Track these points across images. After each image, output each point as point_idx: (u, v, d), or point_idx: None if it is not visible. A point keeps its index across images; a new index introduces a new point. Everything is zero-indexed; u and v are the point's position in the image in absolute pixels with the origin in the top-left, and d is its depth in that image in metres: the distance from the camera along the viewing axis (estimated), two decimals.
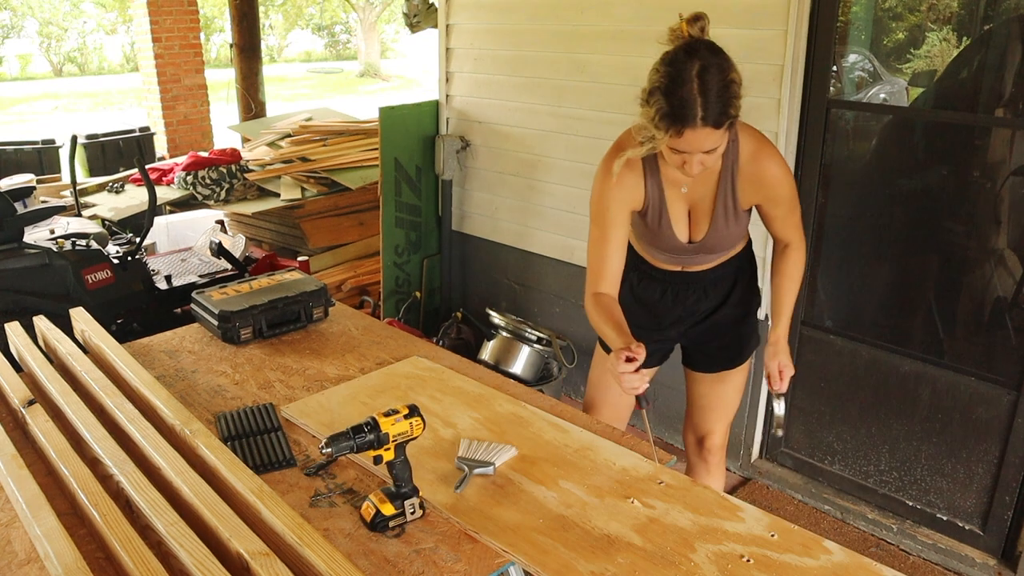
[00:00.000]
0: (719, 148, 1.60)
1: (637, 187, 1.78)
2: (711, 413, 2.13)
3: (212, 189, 4.67)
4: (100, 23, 21.37)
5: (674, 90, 1.49)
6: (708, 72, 1.48)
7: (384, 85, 19.57)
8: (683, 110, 1.49)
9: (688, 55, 1.50)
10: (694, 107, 1.49)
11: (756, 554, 1.38)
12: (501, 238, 3.69)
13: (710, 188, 1.78)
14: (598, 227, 1.81)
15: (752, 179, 1.76)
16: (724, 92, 1.50)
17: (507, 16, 3.36)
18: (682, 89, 1.49)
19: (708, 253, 1.90)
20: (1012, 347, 2.45)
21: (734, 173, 1.76)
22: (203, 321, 2.27)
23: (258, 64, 6.83)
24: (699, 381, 2.12)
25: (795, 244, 1.90)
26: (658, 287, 1.98)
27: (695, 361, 2.12)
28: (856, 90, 2.90)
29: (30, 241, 3.13)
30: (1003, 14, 2.52)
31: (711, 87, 1.48)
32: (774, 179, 1.76)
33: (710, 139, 1.54)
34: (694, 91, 1.48)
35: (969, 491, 2.58)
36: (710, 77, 1.48)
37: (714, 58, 1.50)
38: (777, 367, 1.89)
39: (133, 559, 1.22)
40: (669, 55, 1.53)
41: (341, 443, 1.39)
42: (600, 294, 1.81)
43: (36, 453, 1.60)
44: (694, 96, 1.48)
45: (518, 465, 1.64)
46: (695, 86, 1.48)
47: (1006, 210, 2.48)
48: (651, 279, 1.98)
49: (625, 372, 1.62)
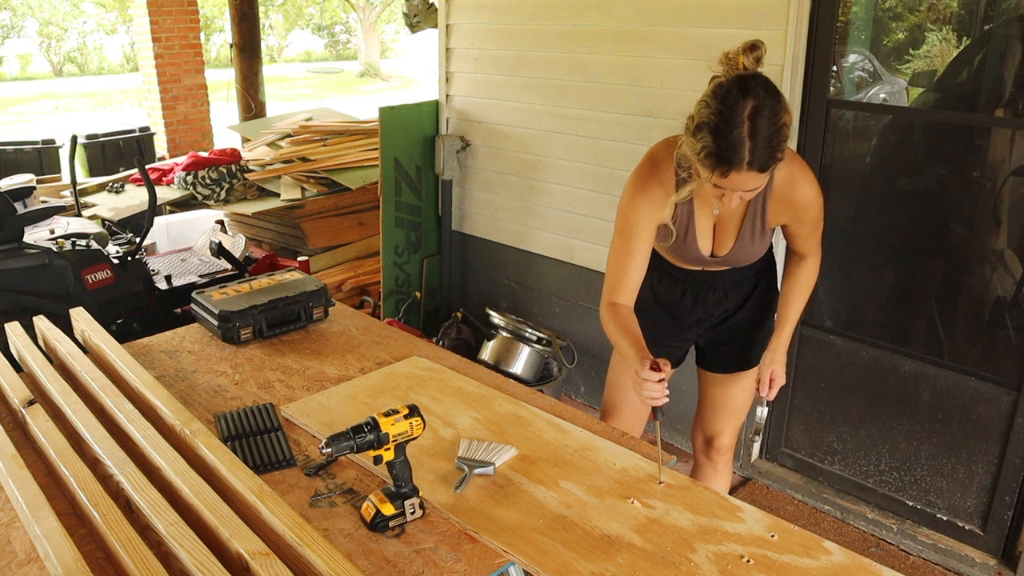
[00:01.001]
0: (760, 187, 1.57)
1: (667, 203, 1.75)
2: (721, 414, 2.13)
3: (212, 189, 4.67)
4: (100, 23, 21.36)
5: (724, 131, 1.44)
6: (760, 115, 1.43)
7: (384, 85, 19.57)
8: (731, 153, 1.45)
9: (742, 93, 1.44)
10: (742, 151, 1.44)
11: (756, 554, 1.38)
12: (501, 238, 3.69)
13: (739, 208, 1.75)
14: (623, 239, 1.79)
15: (784, 201, 1.73)
16: (774, 137, 1.45)
17: (507, 16, 3.36)
18: (732, 131, 1.44)
19: (731, 265, 1.90)
20: (1012, 347, 2.45)
21: (766, 195, 1.73)
22: (203, 321, 2.27)
23: (258, 64, 6.83)
24: (712, 382, 2.12)
25: (812, 257, 1.90)
26: (679, 287, 1.98)
27: (709, 361, 2.11)
28: (856, 90, 2.89)
29: (30, 241, 3.13)
30: (1003, 14, 2.52)
31: (761, 131, 1.44)
32: (806, 201, 1.74)
33: (754, 181, 1.51)
34: (744, 134, 1.43)
35: (969, 491, 2.58)
36: (761, 120, 1.43)
37: (768, 99, 1.45)
38: (770, 375, 1.92)
39: (133, 559, 1.22)
40: (722, 90, 1.47)
41: (341, 443, 1.40)
42: (616, 304, 1.80)
43: (36, 453, 1.60)
44: (743, 139, 1.44)
45: (518, 465, 1.64)
46: (745, 129, 1.43)
47: (1006, 210, 2.48)
48: (672, 279, 1.97)
49: (649, 380, 1.58)
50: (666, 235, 1.84)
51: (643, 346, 1.70)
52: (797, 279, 1.92)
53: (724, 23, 2.68)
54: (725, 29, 2.68)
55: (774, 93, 1.47)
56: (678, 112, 2.90)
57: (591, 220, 3.27)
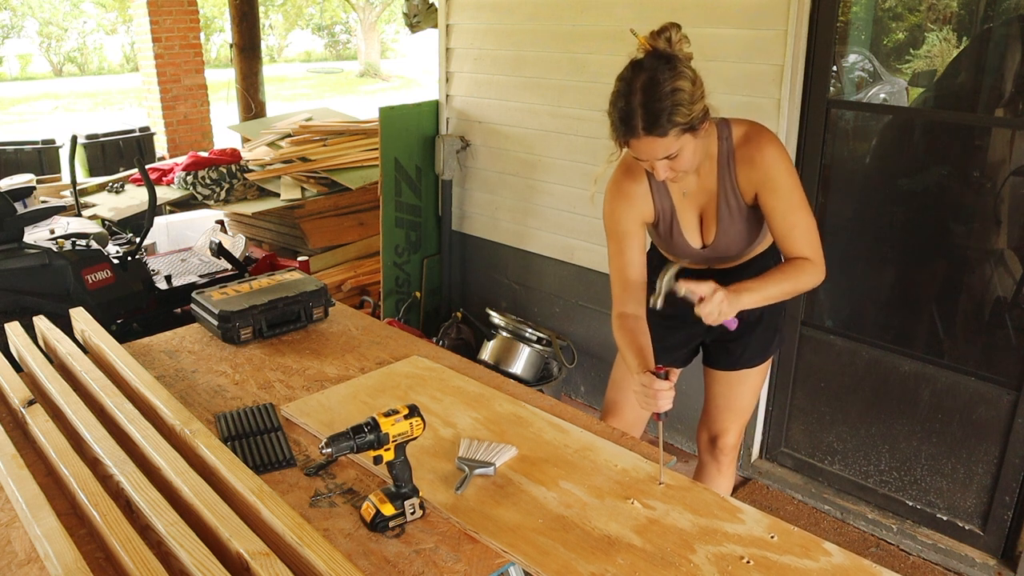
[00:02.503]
0: (681, 154, 1.61)
1: (645, 199, 1.82)
2: (726, 412, 2.13)
3: (212, 189, 4.67)
4: (100, 23, 21.36)
5: (619, 104, 1.58)
6: (651, 83, 1.55)
7: (384, 85, 19.57)
8: (626, 122, 1.57)
9: (635, 69, 1.58)
10: (635, 118, 1.55)
11: (756, 555, 1.38)
12: (501, 238, 3.69)
13: (712, 189, 1.78)
14: (614, 242, 1.84)
15: (748, 162, 1.73)
16: (666, 100, 1.54)
17: (507, 16, 3.36)
18: (625, 102, 1.57)
19: (723, 255, 1.89)
20: (1012, 347, 2.45)
21: (731, 165, 1.76)
22: (203, 321, 2.27)
23: (258, 64, 6.83)
24: (717, 380, 2.12)
25: (813, 259, 1.73)
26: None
27: (715, 359, 2.11)
28: (856, 90, 2.90)
29: (30, 241, 3.13)
30: (1003, 14, 2.52)
31: (650, 97, 1.54)
32: (770, 159, 1.70)
33: (659, 147, 1.58)
34: (635, 103, 1.55)
35: (969, 491, 2.58)
36: (651, 87, 1.54)
37: (660, 69, 1.56)
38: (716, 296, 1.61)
39: (133, 559, 1.22)
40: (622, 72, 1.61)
41: (341, 443, 1.40)
42: (625, 315, 1.83)
43: (36, 453, 1.60)
44: (635, 108, 1.55)
45: (518, 465, 1.64)
46: (637, 98, 1.55)
47: (1006, 210, 2.48)
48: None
49: (662, 390, 1.60)
50: (656, 237, 1.86)
51: (646, 357, 1.72)
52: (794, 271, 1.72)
53: (724, 23, 2.68)
54: (725, 29, 2.68)
55: (671, 60, 1.57)
56: None
57: (591, 220, 3.27)
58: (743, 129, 1.76)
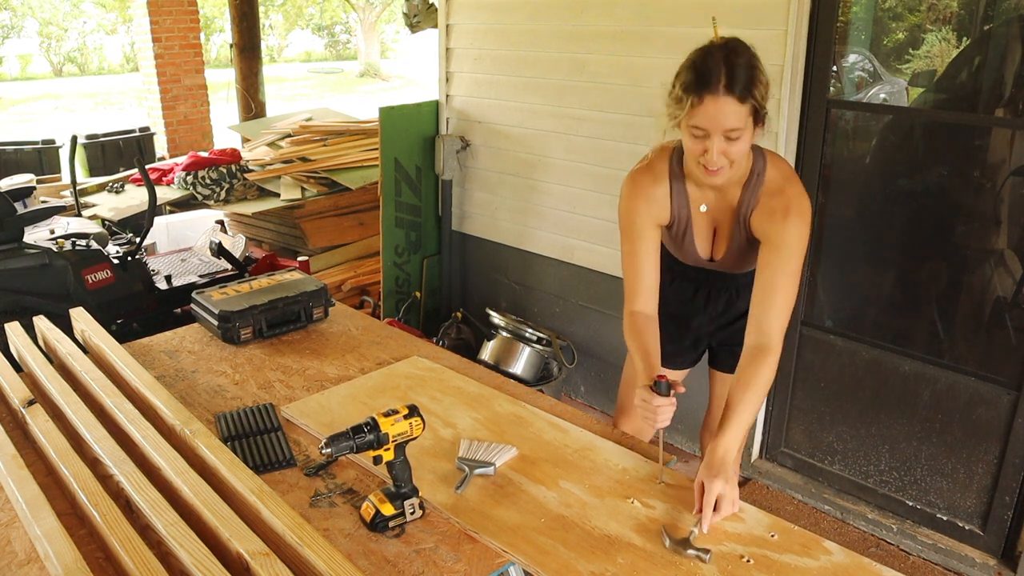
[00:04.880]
0: (741, 139, 1.54)
1: (663, 202, 1.77)
2: None
3: (212, 189, 4.67)
4: (100, 23, 21.35)
5: (699, 61, 1.53)
6: (735, 52, 1.52)
7: (384, 85, 19.56)
8: (706, 76, 1.51)
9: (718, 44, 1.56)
10: (718, 74, 1.50)
11: (756, 554, 1.38)
12: (501, 238, 3.69)
13: (728, 214, 1.75)
14: (628, 241, 1.80)
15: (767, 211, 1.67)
16: (749, 71, 1.51)
17: (507, 16, 3.36)
18: (707, 60, 1.52)
19: (728, 270, 1.89)
20: (1012, 347, 2.44)
21: (752, 202, 1.69)
22: (203, 321, 2.27)
23: (258, 64, 6.83)
24: (722, 383, 2.11)
25: (773, 347, 1.63)
26: (690, 286, 1.98)
27: (721, 361, 2.11)
28: (856, 90, 2.90)
29: (30, 241, 3.13)
30: (1003, 14, 2.52)
31: (736, 63, 1.50)
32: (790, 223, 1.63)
33: (731, 113, 1.50)
34: (719, 62, 1.51)
35: (969, 491, 2.58)
36: (736, 57, 1.51)
37: (743, 48, 1.54)
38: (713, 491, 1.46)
39: (133, 559, 1.22)
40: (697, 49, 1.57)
41: (341, 443, 1.40)
42: (636, 313, 1.79)
43: (36, 453, 1.60)
44: (719, 65, 1.50)
45: (518, 465, 1.64)
46: (720, 57, 1.51)
47: (1006, 210, 2.48)
48: (683, 278, 1.97)
49: (661, 406, 1.57)
50: (667, 239, 1.85)
51: (652, 363, 1.69)
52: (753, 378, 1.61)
53: (724, 23, 2.65)
54: (725, 29, 2.68)
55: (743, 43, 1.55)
56: None
57: (591, 220, 3.27)
58: (778, 173, 1.69)
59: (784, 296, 1.64)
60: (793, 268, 1.65)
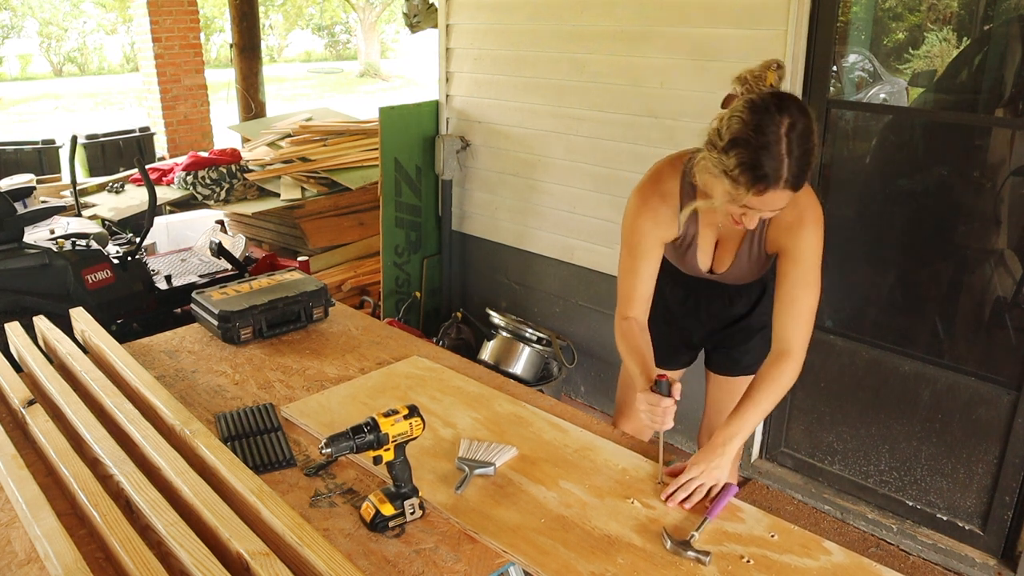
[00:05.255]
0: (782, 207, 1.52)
1: (672, 220, 1.73)
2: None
3: (212, 189, 4.67)
4: (100, 23, 21.35)
5: (763, 146, 1.40)
6: (796, 132, 1.41)
7: (384, 85, 19.56)
8: (770, 169, 1.40)
9: (779, 109, 1.41)
10: (781, 168, 1.40)
11: (756, 555, 1.38)
12: (501, 238, 3.69)
13: (738, 231, 1.73)
14: (630, 256, 1.77)
15: (782, 222, 1.65)
16: (808, 155, 1.43)
17: (507, 16, 3.36)
18: (772, 147, 1.39)
19: (729, 283, 1.88)
20: (1012, 347, 2.45)
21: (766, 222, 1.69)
22: (203, 321, 2.27)
23: (258, 64, 6.83)
24: (719, 385, 2.11)
25: (794, 353, 1.69)
26: (683, 291, 1.97)
27: (717, 364, 2.10)
28: (856, 90, 2.90)
29: (30, 241, 3.13)
30: (1003, 14, 2.52)
31: (797, 149, 1.41)
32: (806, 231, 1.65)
33: (783, 200, 1.47)
34: (782, 151, 1.40)
35: (969, 491, 2.58)
36: (798, 138, 1.41)
37: (803, 118, 1.42)
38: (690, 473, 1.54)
39: (133, 559, 1.22)
40: (758, 106, 1.42)
41: (341, 443, 1.39)
42: (628, 319, 1.79)
43: (36, 453, 1.60)
44: (782, 156, 1.40)
45: (518, 465, 1.64)
46: (783, 145, 1.40)
47: (1006, 210, 2.48)
48: (676, 284, 1.96)
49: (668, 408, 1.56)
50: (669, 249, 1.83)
51: (648, 366, 1.68)
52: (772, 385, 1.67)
53: (724, 23, 2.68)
54: (725, 29, 2.68)
55: (807, 113, 1.44)
56: (678, 112, 2.92)
57: (591, 220, 3.27)
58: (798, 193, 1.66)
59: (805, 305, 1.66)
60: (812, 278, 1.66)
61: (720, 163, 1.44)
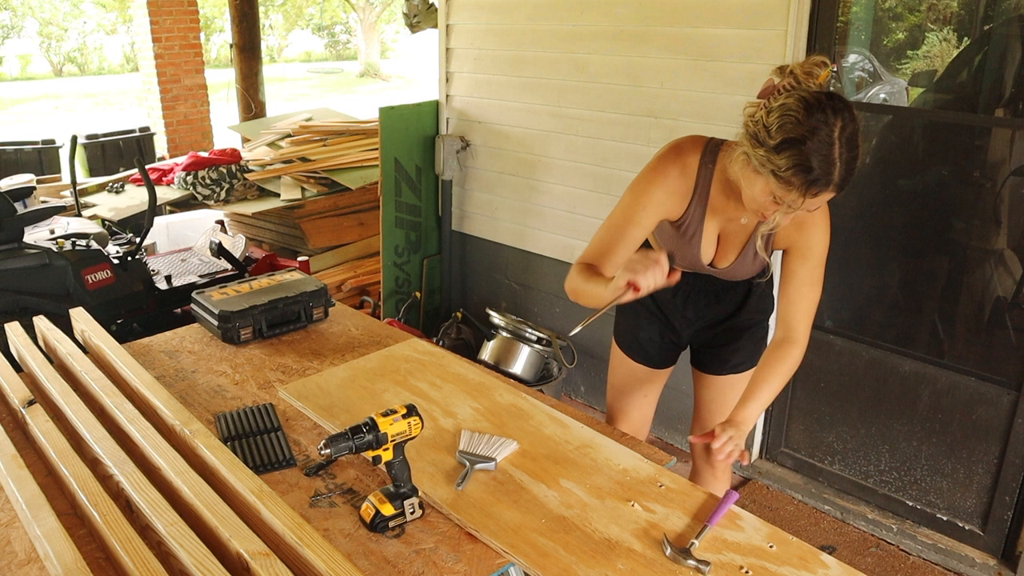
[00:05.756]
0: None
1: (683, 198, 1.70)
2: (718, 417, 2.09)
3: (212, 189, 4.67)
4: (100, 23, 21.35)
5: (818, 150, 1.38)
6: (848, 136, 1.40)
7: (384, 85, 19.57)
8: (824, 174, 1.40)
9: (835, 113, 1.39)
10: (833, 172, 1.40)
11: (754, 565, 1.37)
12: (501, 238, 3.69)
13: (749, 227, 1.73)
14: (624, 217, 1.72)
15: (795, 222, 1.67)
16: (855, 160, 1.42)
17: (507, 16, 3.36)
18: (827, 151, 1.38)
19: (726, 277, 1.87)
20: (1012, 347, 2.45)
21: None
22: (203, 321, 2.27)
23: (258, 64, 6.83)
24: (706, 384, 2.10)
25: (799, 340, 1.74)
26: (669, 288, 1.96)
27: (704, 362, 2.09)
28: (856, 90, 2.90)
29: (30, 241, 3.13)
30: (1003, 14, 2.52)
31: (849, 153, 1.41)
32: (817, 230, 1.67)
33: (824, 201, 1.48)
34: (835, 154, 1.39)
35: (969, 491, 2.58)
36: (851, 142, 1.41)
37: (853, 124, 1.42)
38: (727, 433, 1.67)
39: (133, 559, 1.22)
40: (811, 104, 1.40)
41: (340, 444, 1.40)
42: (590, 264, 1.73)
43: (36, 453, 1.60)
44: (835, 160, 1.39)
45: (519, 461, 1.64)
46: (836, 149, 1.39)
47: (1006, 210, 2.48)
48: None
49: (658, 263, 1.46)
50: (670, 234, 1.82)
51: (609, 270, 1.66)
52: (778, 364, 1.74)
53: (724, 23, 2.68)
54: (725, 29, 2.68)
55: (856, 117, 1.43)
56: (678, 112, 2.92)
57: (591, 220, 3.27)
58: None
59: (811, 300, 1.74)
60: (819, 274, 1.72)
61: (769, 161, 1.42)
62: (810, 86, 1.43)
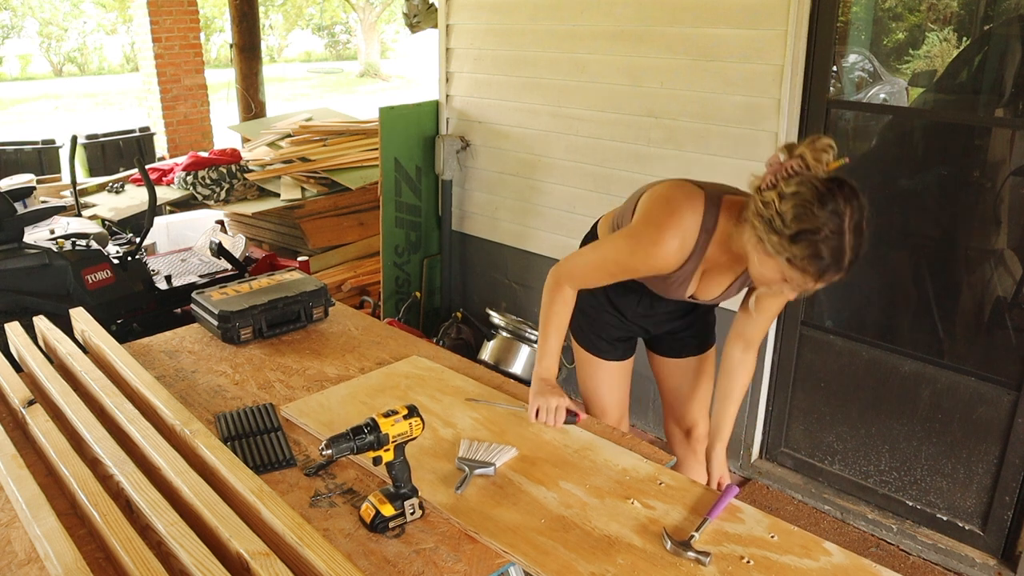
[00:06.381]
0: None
1: (679, 261, 1.71)
2: (692, 404, 2.14)
3: (212, 189, 4.67)
4: (100, 23, 21.34)
5: (832, 241, 1.44)
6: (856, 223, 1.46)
7: (384, 85, 19.57)
8: (836, 262, 1.46)
9: (846, 203, 1.44)
10: (843, 262, 1.47)
11: (756, 555, 1.38)
12: (501, 238, 3.69)
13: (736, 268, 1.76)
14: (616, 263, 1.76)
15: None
16: (864, 244, 1.48)
17: (507, 16, 3.36)
18: (840, 241, 1.44)
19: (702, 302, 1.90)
20: (1012, 347, 2.45)
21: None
22: (203, 321, 2.27)
23: (258, 64, 6.83)
24: (671, 371, 2.13)
25: (755, 346, 1.89)
26: (633, 296, 1.96)
27: (662, 347, 2.11)
28: (856, 90, 2.90)
29: (30, 241, 3.13)
30: (1003, 14, 2.52)
31: (861, 241, 1.47)
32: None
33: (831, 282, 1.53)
34: (846, 245, 1.45)
35: (969, 491, 2.58)
36: (860, 232, 1.47)
37: (861, 211, 1.46)
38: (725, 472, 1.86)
39: (133, 559, 1.22)
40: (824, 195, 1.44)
41: (341, 444, 1.40)
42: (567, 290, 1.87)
43: (36, 453, 1.60)
44: (846, 251, 1.45)
45: (518, 465, 1.64)
46: (847, 240, 1.45)
47: (1006, 210, 2.48)
48: (627, 288, 1.94)
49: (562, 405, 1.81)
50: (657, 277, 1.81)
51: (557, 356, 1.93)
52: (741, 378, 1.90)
53: (724, 23, 2.68)
54: (725, 29, 2.68)
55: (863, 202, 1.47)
56: (678, 112, 2.92)
57: (591, 220, 3.24)
58: None
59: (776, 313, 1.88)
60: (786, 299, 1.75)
61: (784, 249, 1.47)
62: (819, 172, 1.46)
